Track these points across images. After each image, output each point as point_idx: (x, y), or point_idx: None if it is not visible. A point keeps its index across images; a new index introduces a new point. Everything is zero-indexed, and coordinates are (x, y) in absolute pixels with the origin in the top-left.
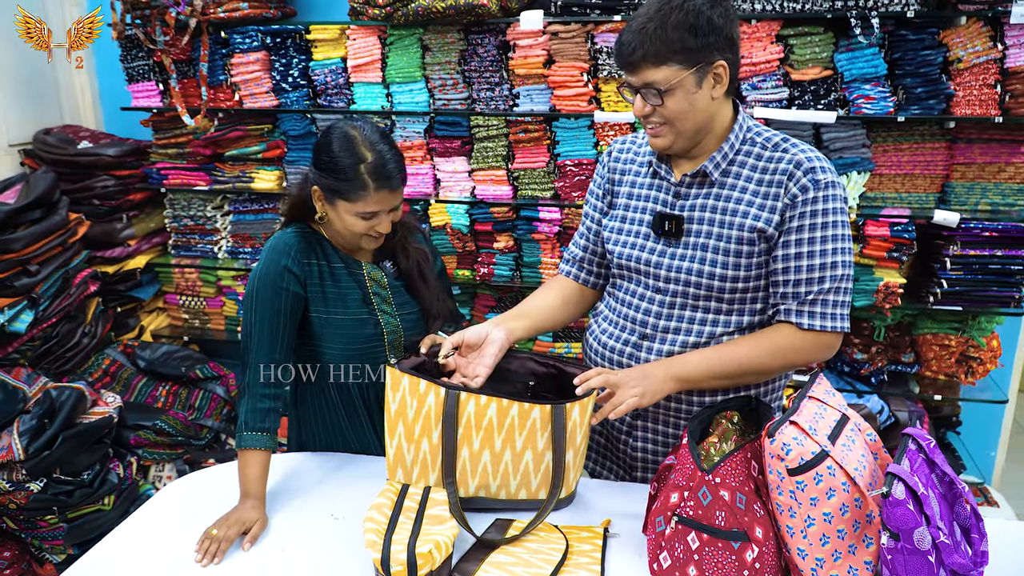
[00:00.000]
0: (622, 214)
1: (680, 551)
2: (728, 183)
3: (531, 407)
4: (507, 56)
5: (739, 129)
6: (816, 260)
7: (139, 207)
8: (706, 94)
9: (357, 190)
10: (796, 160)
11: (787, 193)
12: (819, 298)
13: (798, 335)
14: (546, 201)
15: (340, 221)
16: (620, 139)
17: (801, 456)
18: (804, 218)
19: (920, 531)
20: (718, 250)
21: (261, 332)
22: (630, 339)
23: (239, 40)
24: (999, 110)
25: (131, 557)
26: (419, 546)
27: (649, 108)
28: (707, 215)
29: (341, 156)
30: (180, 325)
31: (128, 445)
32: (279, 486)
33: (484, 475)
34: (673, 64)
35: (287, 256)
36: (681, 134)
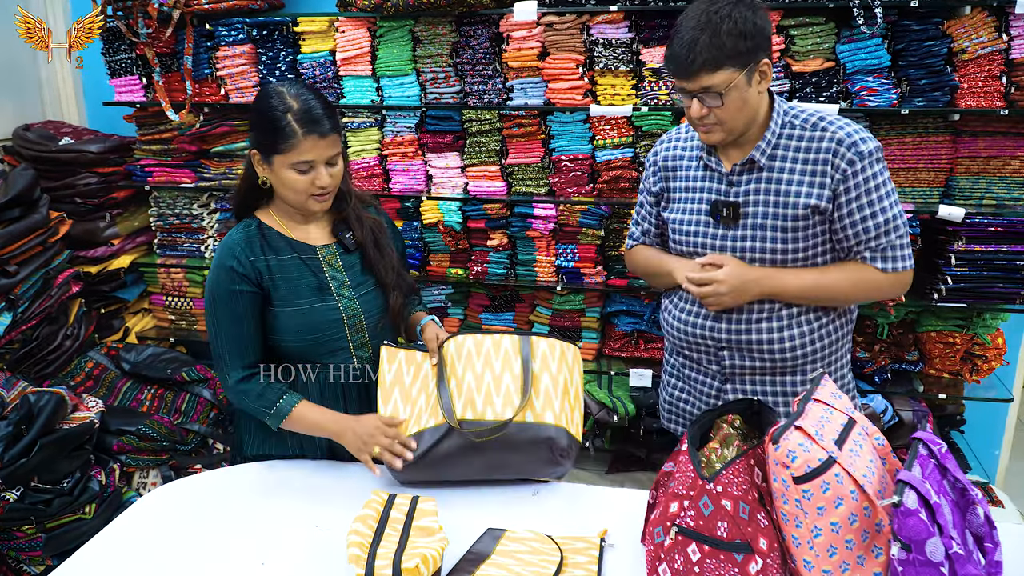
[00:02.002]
0: (681, 206)
1: (680, 563)
2: (776, 166)
3: (501, 337)
4: (500, 48)
5: (777, 115)
6: (880, 218)
7: (123, 205)
8: (754, 90)
9: (287, 138)
10: (837, 138)
11: (836, 169)
12: (889, 244)
13: (880, 275)
14: (541, 198)
15: (281, 183)
16: (663, 139)
17: (807, 463)
18: (859, 187)
19: (933, 541)
20: (776, 228)
21: (229, 341)
22: (709, 313)
23: (224, 32)
24: (1004, 102)
25: (112, 567)
26: (405, 561)
27: (706, 111)
28: (760, 198)
29: (268, 110)
30: (166, 326)
31: (111, 451)
32: (259, 496)
33: (470, 392)
34: (727, 68)
35: (231, 258)
36: (733, 130)
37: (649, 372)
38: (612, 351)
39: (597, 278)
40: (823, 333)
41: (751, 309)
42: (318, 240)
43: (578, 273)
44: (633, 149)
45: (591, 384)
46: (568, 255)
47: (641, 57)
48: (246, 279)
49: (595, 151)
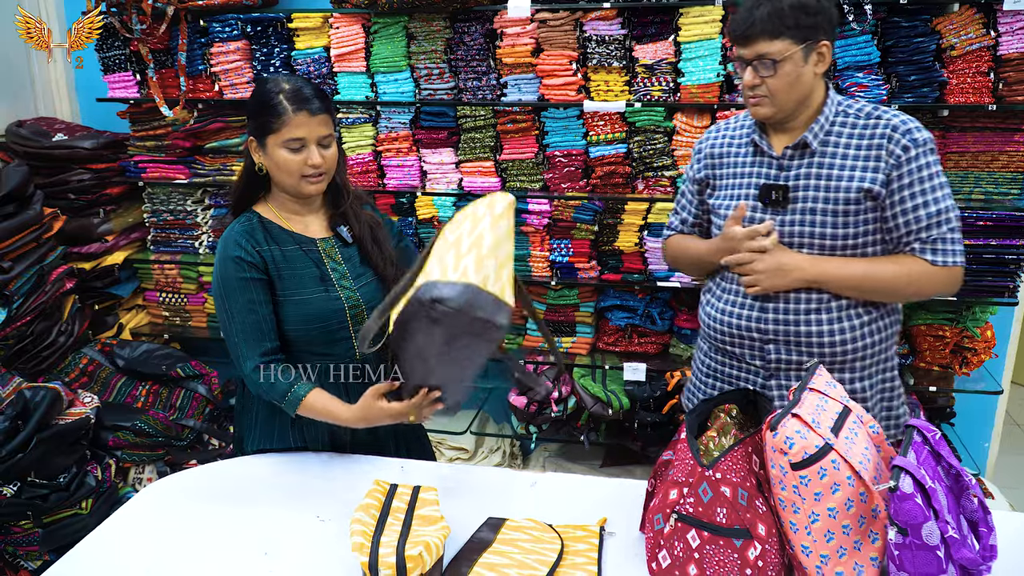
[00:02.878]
0: (728, 192)
1: (680, 550)
2: (828, 151)
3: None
4: (494, 45)
5: (831, 103)
6: (932, 208)
7: (116, 201)
8: (810, 70)
9: (279, 115)
10: (892, 124)
11: (890, 154)
12: (940, 236)
13: (931, 268)
14: (535, 193)
15: (275, 166)
16: (712, 128)
17: (805, 450)
18: (912, 174)
19: (929, 526)
20: (826, 212)
21: (245, 329)
22: (755, 304)
23: (218, 29)
24: (992, 98)
25: (109, 562)
26: (408, 548)
27: (758, 80)
28: (812, 182)
29: (262, 94)
30: (160, 323)
31: (106, 447)
32: (259, 488)
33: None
34: (785, 38)
35: (237, 248)
36: (782, 106)
37: (643, 366)
38: (606, 345)
39: (591, 273)
40: (873, 329)
41: (799, 299)
42: (317, 233)
43: (572, 268)
44: (626, 145)
45: (585, 379)
46: (562, 250)
47: (634, 53)
48: (254, 267)
49: (589, 147)
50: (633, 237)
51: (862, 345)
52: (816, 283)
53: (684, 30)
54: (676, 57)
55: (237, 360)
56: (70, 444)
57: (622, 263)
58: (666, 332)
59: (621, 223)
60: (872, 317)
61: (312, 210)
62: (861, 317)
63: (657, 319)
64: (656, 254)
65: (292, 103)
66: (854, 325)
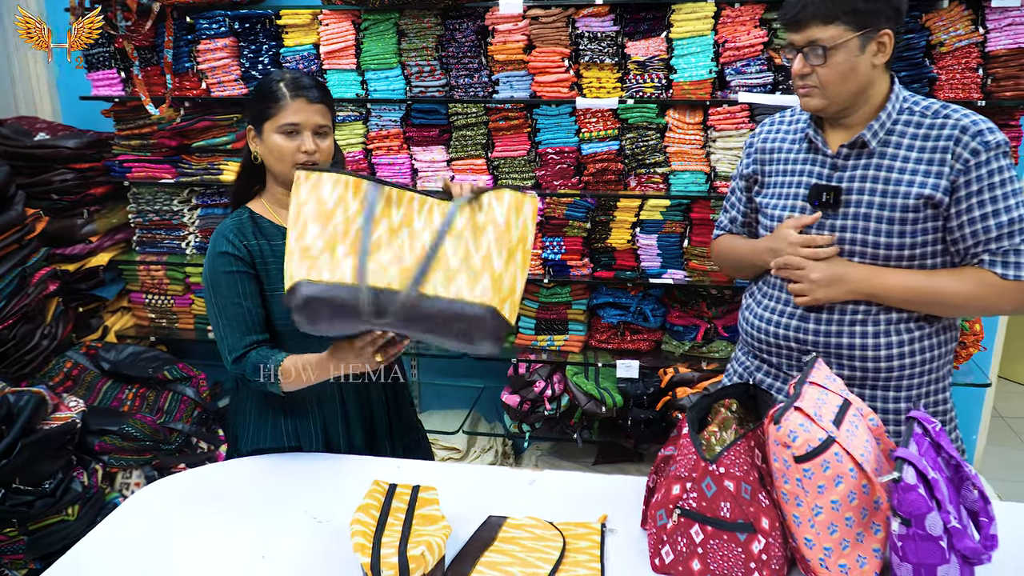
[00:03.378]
0: (777, 191)
1: (683, 545)
2: (889, 152)
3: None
4: (486, 41)
5: (895, 99)
6: (1003, 217)
7: (101, 201)
8: (867, 60)
9: (276, 100)
10: (961, 125)
11: (957, 158)
12: (1013, 249)
13: (1001, 282)
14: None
15: (269, 153)
16: (766, 121)
17: (808, 443)
18: (982, 180)
19: (932, 516)
20: (881, 219)
21: (233, 322)
22: (796, 312)
23: (205, 25)
24: (981, 93)
25: (103, 568)
26: (410, 548)
27: (808, 68)
28: (868, 185)
29: (263, 83)
30: (146, 325)
31: (93, 451)
32: (255, 490)
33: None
34: (840, 24)
35: (225, 243)
36: (834, 99)
37: (636, 363)
38: (598, 343)
39: (583, 270)
40: (925, 346)
41: (844, 310)
42: None
43: (564, 265)
44: (619, 141)
45: (578, 376)
46: (555, 247)
47: (626, 50)
48: (242, 260)
49: (581, 144)
50: (625, 234)
51: (910, 363)
52: (872, 296)
53: (676, 27)
54: (668, 54)
55: (224, 355)
56: (55, 449)
57: (615, 260)
58: (658, 329)
59: (613, 220)
60: (925, 332)
61: None
62: (912, 332)
63: (650, 316)
64: (648, 251)
65: (291, 89)
66: (903, 340)
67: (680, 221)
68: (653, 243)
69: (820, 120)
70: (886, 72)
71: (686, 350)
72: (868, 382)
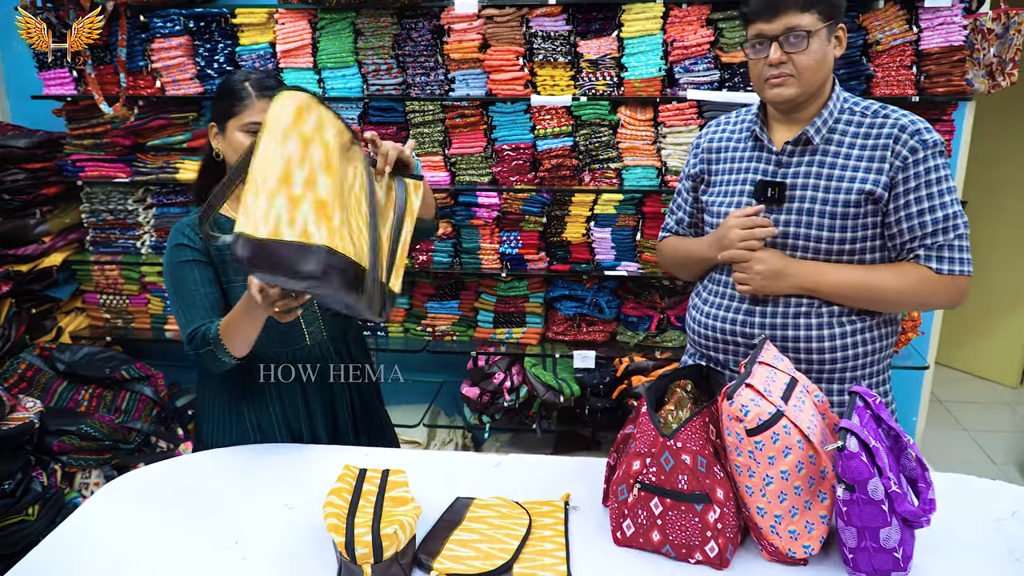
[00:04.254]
0: (723, 188)
1: (643, 517)
2: (831, 149)
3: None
4: (442, 40)
5: (836, 98)
6: (939, 213)
7: (53, 201)
8: (831, 52)
9: (242, 100)
10: (900, 124)
11: (896, 156)
12: (947, 243)
13: (935, 277)
14: (484, 186)
15: (232, 150)
16: (712, 123)
17: (759, 416)
18: (920, 177)
19: (874, 482)
20: (824, 214)
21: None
22: (741, 307)
23: (160, 24)
24: (915, 90)
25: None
26: (383, 527)
27: (785, 56)
28: (811, 181)
29: (227, 82)
30: (101, 326)
31: (51, 452)
32: (223, 480)
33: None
34: (814, 12)
35: (181, 236)
36: (807, 86)
37: (592, 353)
38: (555, 335)
39: (540, 264)
40: (866, 338)
41: (788, 303)
42: None
43: (522, 259)
44: (573, 138)
45: (536, 367)
46: (511, 242)
47: (579, 49)
48: (198, 251)
49: (536, 140)
50: (580, 228)
51: (852, 354)
52: (812, 291)
53: (627, 26)
54: (619, 52)
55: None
56: (13, 450)
57: (570, 254)
58: (613, 320)
59: (569, 215)
60: (867, 325)
61: None
62: (854, 324)
63: (605, 308)
64: (603, 244)
65: (256, 88)
66: (845, 332)
67: (633, 215)
68: (607, 236)
69: (766, 118)
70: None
71: (640, 340)
72: (813, 373)
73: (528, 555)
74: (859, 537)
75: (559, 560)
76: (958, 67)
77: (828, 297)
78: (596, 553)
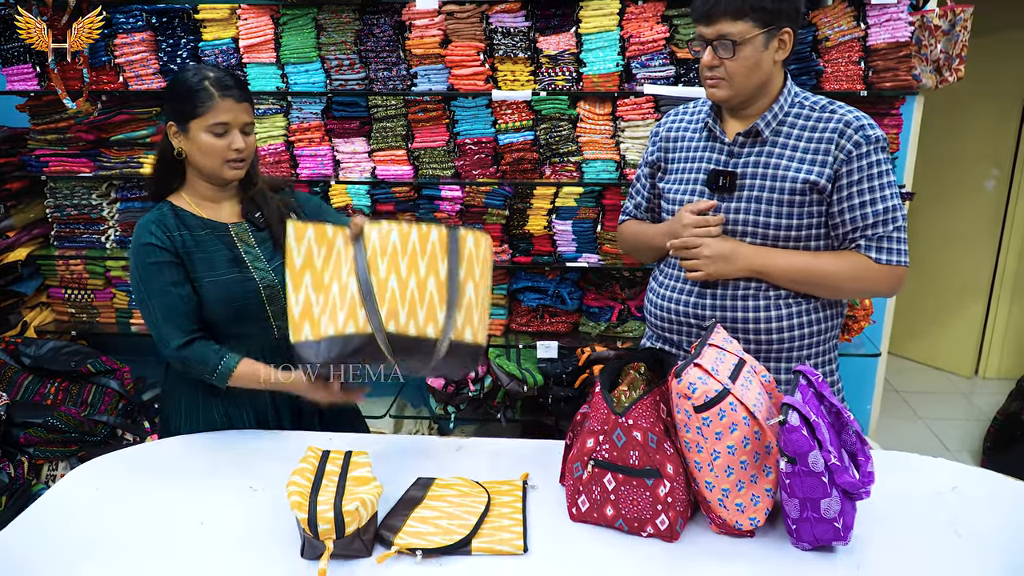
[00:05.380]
0: (677, 176)
1: (597, 493)
2: (780, 141)
3: (429, 228)
4: (403, 36)
5: (787, 93)
6: (879, 205)
7: (17, 196)
8: (770, 56)
9: (205, 101)
10: (846, 120)
11: (840, 149)
12: (887, 235)
13: (874, 266)
14: (447, 180)
15: (198, 150)
16: (671, 112)
17: (706, 394)
18: (863, 170)
19: (814, 454)
20: (771, 201)
21: (163, 311)
22: (693, 290)
23: (122, 20)
24: (863, 84)
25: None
26: (345, 504)
27: (717, 60)
28: (760, 170)
29: (184, 81)
30: (66, 320)
31: (18, 444)
32: (189, 465)
33: (393, 302)
34: (748, 21)
35: (148, 235)
36: (740, 90)
37: (555, 344)
38: (519, 326)
39: (503, 256)
40: (811, 320)
41: (737, 285)
42: (229, 219)
43: None
44: (533, 132)
45: (500, 358)
46: None
47: (538, 45)
48: (166, 251)
49: (497, 134)
50: (542, 220)
51: (799, 335)
52: (760, 273)
53: (584, 22)
54: (578, 48)
55: (160, 343)
56: None
57: (532, 246)
58: (575, 311)
59: (530, 207)
60: (811, 306)
61: (225, 197)
62: (800, 305)
63: (567, 299)
64: (564, 236)
65: (218, 89)
66: (791, 313)
67: (593, 207)
68: (568, 229)
69: (720, 111)
70: (782, 68)
71: (602, 330)
72: (761, 354)
73: (486, 531)
74: (801, 508)
75: (516, 535)
76: (904, 62)
77: (775, 280)
78: (552, 528)
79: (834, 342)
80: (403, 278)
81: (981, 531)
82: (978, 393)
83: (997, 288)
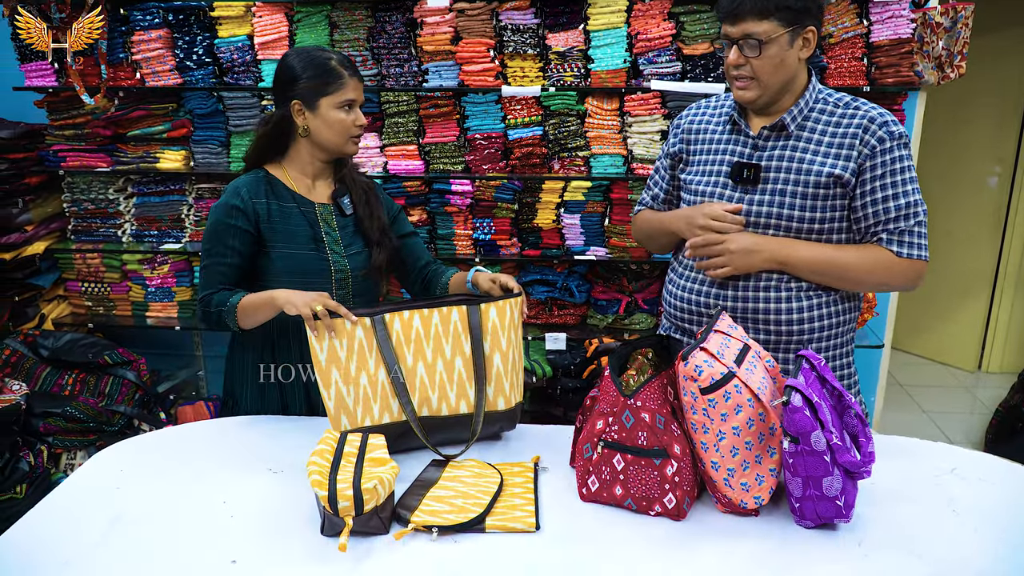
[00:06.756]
0: (700, 168)
1: (607, 473)
2: (804, 136)
3: (449, 310)
4: (415, 33)
5: (812, 90)
6: (902, 200)
7: (35, 191)
8: (795, 54)
9: (336, 79)
10: (870, 116)
11: (864, 144)
12: (908, 229)
13: (895, 260)
14: (457, 174)
15: (325, 125)
16: (692, 105)
17: (712, 376)
18: (886, 165)
19: (816, 434)
20: (795, 195)
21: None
22: (715, 282)
23: (139, 17)
24: (866, 80)
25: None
26: (364, 482)
27: (743, 60)
28: (784, 164)
29: (313, 59)
30: (83, 313)
31: (38, 433)
32: (211, 448)
33: (423, 388)
34: (773, 20)
35: (236, 196)
36: (767, 88)
37: (563, 335)
38: (528, 318)
39: (512, 249)
40: (830, 312)
41: (758, 277)
42: (319, 199)
43: (495, 245)
44: (542, 127)
45: None
46: (485, 228)
47: (547, 41)
48: (244, 215)
49: (507, 130)
50: (551, 214)
51: (819, 326)
52: (783, 264)
53: (592, 19)
54: (586, 45)
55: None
56: (1, 431)
57: (541, 239)
58: (583, 304)
59: (539, 201)
60: (831, 299)
61: (323, 176)
62: (820, 297)
63: (575, 292)
64: (572, 230)
65: (345, 68)
66: (812, 305)
67: (601, 201)
68: (576, 222)
69: (744, 107)
70: (806, 66)
71: (609, 322)
72: (781, 345)
73: (500, 509)
74: (804, 486)
75: (528, 514)
76: (906, 59)
77: (798, 271)
78: (563, 507)
79: (851, 335)
80: (430, 363)
81: (978, 510)
82: (981, 387)
83: (1000, 283)
